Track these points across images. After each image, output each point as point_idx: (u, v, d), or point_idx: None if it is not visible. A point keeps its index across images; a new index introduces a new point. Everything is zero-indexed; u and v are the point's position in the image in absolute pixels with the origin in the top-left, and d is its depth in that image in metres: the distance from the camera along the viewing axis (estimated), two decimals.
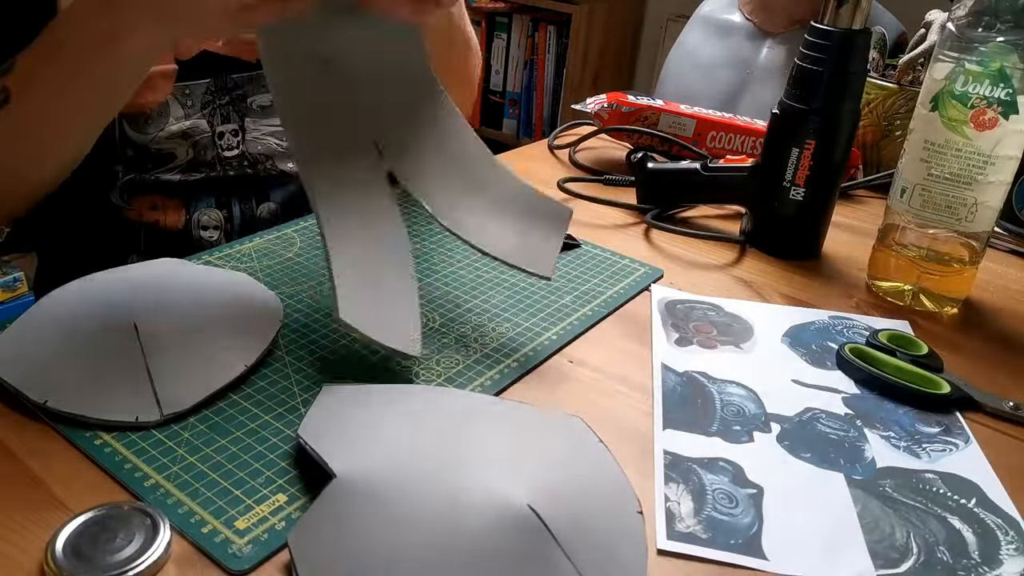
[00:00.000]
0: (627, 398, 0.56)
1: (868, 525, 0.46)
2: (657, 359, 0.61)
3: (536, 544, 0.39)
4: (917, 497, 0.49)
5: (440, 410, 0.49)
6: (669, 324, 0.65)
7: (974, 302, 0.74)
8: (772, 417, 0.55)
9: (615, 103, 1.00)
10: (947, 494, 0.49)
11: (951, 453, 0.53)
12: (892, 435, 0.54)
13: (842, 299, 0.73)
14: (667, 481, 0.48)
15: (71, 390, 0.49)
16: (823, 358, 0.62)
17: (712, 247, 0.81)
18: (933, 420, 0.56)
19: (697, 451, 0.51)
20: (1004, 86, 0.63)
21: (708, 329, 0.65)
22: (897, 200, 0.71)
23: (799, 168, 0.75)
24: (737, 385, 0.58)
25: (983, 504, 0.49)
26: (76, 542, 0.40)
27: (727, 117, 1.01)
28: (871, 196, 0.98)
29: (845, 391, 0.59)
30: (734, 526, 0.46)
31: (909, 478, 0.50)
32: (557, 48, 2.81)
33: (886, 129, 0.98)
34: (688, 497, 0.47)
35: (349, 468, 0.43)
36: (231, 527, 0.43)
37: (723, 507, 0.47)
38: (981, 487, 0.50)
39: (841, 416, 0.56)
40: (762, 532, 0.45)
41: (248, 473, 0.46)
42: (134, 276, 0.59)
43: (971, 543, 0.46)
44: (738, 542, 0.45)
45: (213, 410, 0.51)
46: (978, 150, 0.65)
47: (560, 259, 0.75)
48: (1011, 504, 0.49)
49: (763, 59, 1.33)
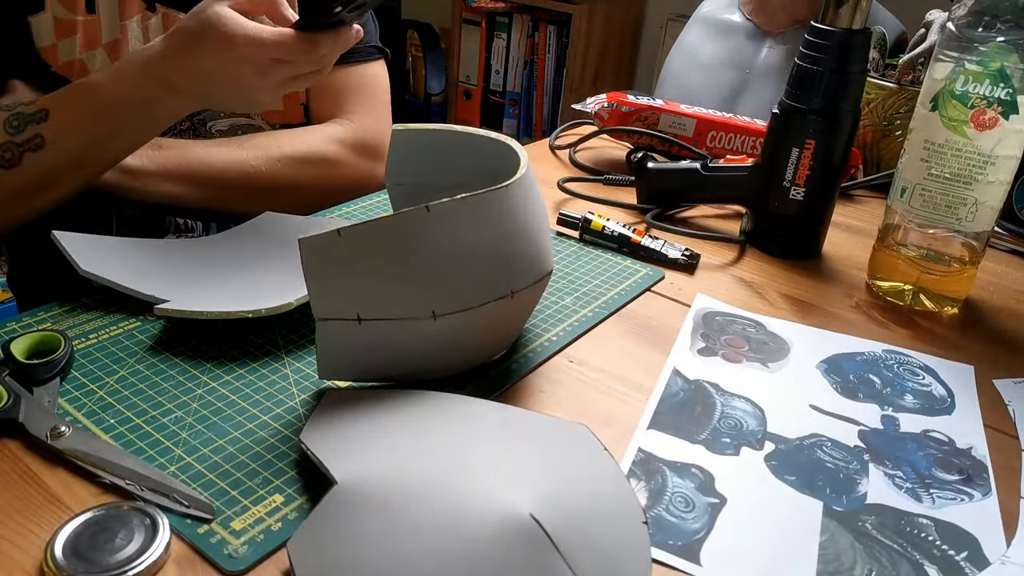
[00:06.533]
0: (627, 398, 0.56)
1: (827, 555, 0.45)
2: (670, 364, 0.60)
3: (538, 554, 0.39)
4: (898, 539, 0.46)
5: (443, 416, 0.49)
6: (699, 333, 0.65)
7: (974, 302, 0.74)
8: (770, 436, 0.54)
9: (615, 103, 1.00)
10: (935, 542, 0.46)
11: (961, 503, 0.50)
12: (899, 475, 0.52)
13: (842, 299, 0.73)
14: (629, 476, 0.49)
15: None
16: (856, 389, 0.60)
17: (712, 247, 0.81)
18: (956, 468, 0.53)
19: (674, 455, 0.51)
20: (1004, 86, 0.63)
21: (740, 344, 0.64)
22: (897, 200, 0.71)
23: (799, 168, 0.75)
24: (745, 400, 0.57)
25: (974, 560, 0.45)
26: (76, 542, 0.40)
27: (727, 117, 1.01)
28: (871, 196, 0.98)
29: (865, 424, 0.56)
30: (680, 529, 0.45)
31: (898, 519, 0.48)
32: (557, 48, 2.82)
33: (886, 129, 0.98)
34: (644, 494, 0.48)
35: (350, 475, 0.43)
36: (227, 527, 0.43)
37: (676, 510, 0.47)
38: (979, 542, 0.47)
39: (849, 447, 0.54)
40: (706, 540, 0.45)
41: (245, 474, 0.46)
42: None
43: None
44: (676, 544, 0.44)
45: (211, 410, 0.51)
46: (978, 150, 0.65)
47: (560, 259, 0.75)
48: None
49: (763, 59, 1.33)
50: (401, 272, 0.49)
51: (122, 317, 0.60)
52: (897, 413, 0.58)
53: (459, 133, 0.65)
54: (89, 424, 0.49)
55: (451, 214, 0.49)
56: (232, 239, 0.72)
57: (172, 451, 0.48)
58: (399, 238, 0.48)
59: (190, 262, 0.67)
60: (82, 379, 0.53)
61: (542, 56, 2.85)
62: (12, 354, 0.52)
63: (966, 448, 0.55)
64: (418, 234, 0.48)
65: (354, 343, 0.50)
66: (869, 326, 0.69)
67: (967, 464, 0.53)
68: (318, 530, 0.40)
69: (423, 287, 0.49)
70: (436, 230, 0.49)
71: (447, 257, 0.49)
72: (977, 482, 0.52)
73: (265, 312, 0.57)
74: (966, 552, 0.46)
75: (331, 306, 0.48)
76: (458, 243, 0.49)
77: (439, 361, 0.53)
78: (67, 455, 0.46)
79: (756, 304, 0.71)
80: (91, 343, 0.57)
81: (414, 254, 0.49)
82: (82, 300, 0.62)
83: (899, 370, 0.63)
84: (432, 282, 0.49)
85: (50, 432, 0.47)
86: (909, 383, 0.61)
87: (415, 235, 0.48)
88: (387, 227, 0.48)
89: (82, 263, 0.61)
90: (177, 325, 0.60)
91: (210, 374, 0.55)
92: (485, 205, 0.50)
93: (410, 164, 0.66)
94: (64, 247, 0.62)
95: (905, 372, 0.63)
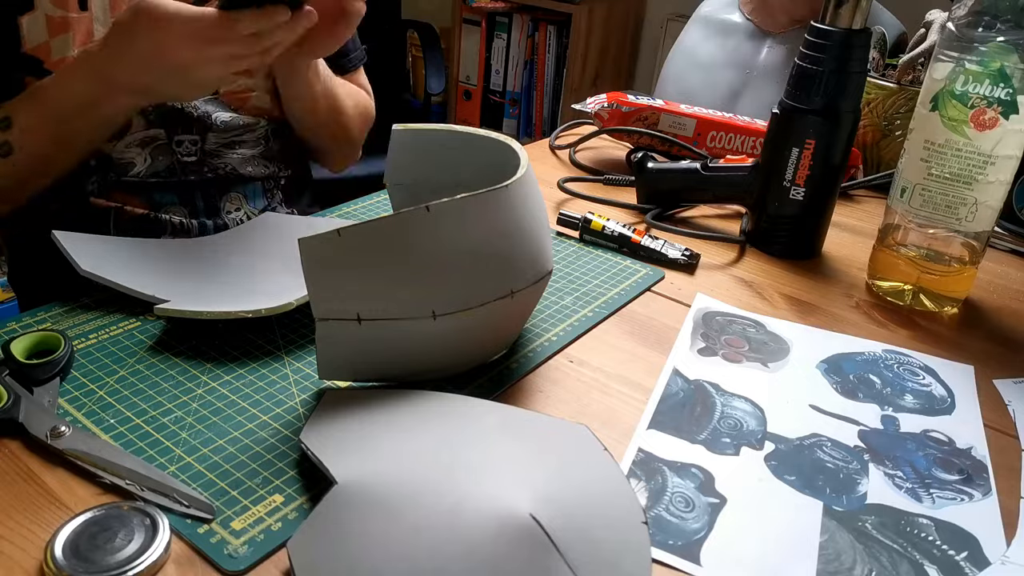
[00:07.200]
0: (627, 398, 0.56)
1: (827, 555, 0.45)
2: (670, 364, 0.60)
3: (538, 554, 0.39)
4: (899, 539, 0.46)
5: (443, 416, 0.49)
6: (699, 334, 0.65)
7: (974, 302, 0.74)
8: (770, 436, 0.54)
9: (615, 103, 1.00)
10: (935, 542, 0.46)
11: (961, 503, 0.50)
12: (899, 475, 0.51)
13: (842, 299, 0.73)
14: (629, 476, 0.49)
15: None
16: (856, 389, 0.60)
17: (712, 247, 0.81)
18: (956, 468, 0.53)
19: (674, 454, 0.51)
20: (1004, 86, 0.63)
21: (740, 344, 0.64)
22: (897, 200, 0.71)
23: (799, 168, 0.75)
24: (745, 400, 0.57)
25: (974, 560, 0.45)
26: (76, 542, 0.40)
27: (727, 117, 1.01)
28: (871, 196, 0.98)
29: (865, 424, 0.56)
30: (680, 529, 0.45)
31: (898, 519, 0.48)
32: (557, 48, 2.81)
33: (886, 129, 0.98)
34: (644, 494, 0.48)
35: (350, 475, 0.43)
36: (227, 527, 0.43)
37: (677, 510, 0.47)
38: (979, 541, 0.47)
39: (848, 447, 0.54)
40: (706, 540, 0.45)
41: (245, 474, 0.46)
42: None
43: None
44: (676, 544, 0.45)
45: (211, 410, 0.51)
46: (978, 150, 0.65)
47: (560, 259, 0.75)
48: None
49: (763, 59, 1.33)
50: (401, 272, 0.49)
51: (122, 317, 0.60)
52: (897, 413, 0.58)
53: (459, 133, 0.65)
54: (89, 424, 0.49)
55: (451, 214, 0.49)
56: (232, 239, 0.72)
57: (172, 451, 0.48)
58: (399, 238, 0.48)
59: (190, 262, 0.67)
60: (82, 379, 0.53)
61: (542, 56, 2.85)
62: (12, 354, 0.52)
63: (966, 448, 0.55)
64: (418, 234, 0.48)
65: (354, 343, 0.50)
66: (869, 326, 0.69)
67: (967, 464, 0.53)
68: (318, 530, 0.40)
69: (423, 287, 0.49)
70: (436, 230, 0.49)
71: (447, 257, 0.49)
72: (977, 482, 0.52)
73: (265, 312, 0.57)
74: (966, 552, 0.46)
75: (331, 306, 0.48)
76: (458, 243, 0.49)
77: (439, 361, 0.53)
78: (67, 455, 0.46)
79: (756, 304, 0.71)
80: (91, 343, 0.57)
81: (414, 254, 0.49)
82: (82, 300, 0.62)
83: (899, 370, 0.63)
84: (432, 282, 0.49)
85: (50, 432, 0.47)
86: (909, 383, 0.61)
87: (415, 235, 0.48)
88: (387, 227, 0.48)
89: (82, 263, 0.61)
90: (177, 325, 0.60)
91: (210, 374, 0.55)
92: (485, 205, 0.50)
93: (410, 164, 0.66)
94: (64, 247, 0.62)
95: (905, 372, 0.63)
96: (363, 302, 0.48)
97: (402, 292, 0.49)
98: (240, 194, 0.84)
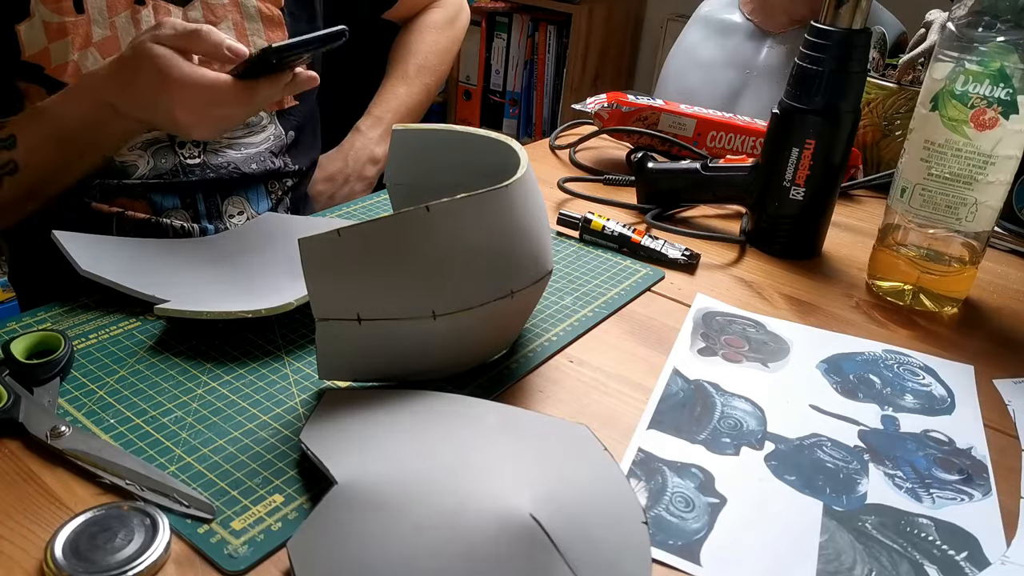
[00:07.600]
0: (627, 398, 0.56)
1: (827, 555, 0.45)
2: (670, 364, 0.60)
3: (538, 554, 0.39)
4: (899, 539, 0.46)
5: (443, 416, 0.49)
6: (699, 333, 0.65)
7: (974, 302, 0.74)
8: (770, 436, 0.54)
9: (615, 103, 1.00)
10: (935, 542, 0.46)
11: (961, 503, 0.50)
12: (899, 475, 0.51)
13: (842, 299, 0.73)
14: (629, 476, 0.49)
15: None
16: (856, 389, 0.60)
17: (712, 247, 0.81)
18: (956, 468, 0.53)
19: (674, 454, 0.51)
20: (1004, 86, 0.63)
21: (739, 344, 0.64)
22: (897, 200, 0.71)
23: (799, 168, 0.75)
24: (745, 400, 0.57)
25: (974, 560, 0.45)
26: (76, 542, 0.40)
27: (727, 117, 1.01)
28: (871, 196, 0.98)
29: (865, 424, 0.56)
30: (680, 529, 0.45)
31: (898, 519, 0.48)
32: (557, 48, 2.81)
33: (886, 129, 0.98)
34: (644, 494, 0.48)
35: (350, 475, 0.43)
36: (227, 527, 0.43)
37: (677, 510, 0.47)
38: (979, 542, 0.47)
39: (848, 447, 0.54)
40: (706, 540, 0.45)
41: (245, 474, 0.46)
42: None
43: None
44: (676, 544, 0.44)
45: (211, 410, 0.51)
46: (978, 150, 0.65)
47: (560, 259, 0.75)
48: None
49: (763, 59, 1.33)
50: (401, 272, 0.49)
51: (122, 317, 0.60)
52: (897, 413, 0.58)
53: (459, 133, 0.65)
54: (89, 424, 0.49)
55: (451, 214, 0.49)
56: (232, 239, 0.72)
57: (172, 451, 0.48)
58: (399, 238, 0.48)
59: (190, 262, 0.67)
60: (82, 379, 0.53)
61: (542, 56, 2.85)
62: (12, 354, 0.52)
63: (966, 448, 0.55)
64: (418, 234, 0.48)
65: (354, 343, 0.50)
66: (869, 326, 0.69)
67: (967, 464, 0.53)
68: (318, 530, 0.40)
69: (423, 287, 0.49)
70: (436, 230, 0.49)
71: (447, 257, 0.49)
72: (977, 482, 0.52)
73: (265, 312, 0.57)
74: (966, 552, 0.46)
75: (331, 306, 0.48)
76: (458, 243, 0.49)
77: (439, 361, 0.53)
78: (67, 455, 0.46)
79: (756, 304, 0.71)
80: (91, 343, 0.57)
81: (414, 254, 0.49)
82: (82, 300, 0.62)
83: (899, 370, 0.63)
84: (432, 282, 0.49)
85: (50, 432, 0.47)
86: (909, 383, 0.61)
87: (415, 235, 0.48)
88: (387, 227, 0.48)
89: (82, 263, 0.61)
90: (177, 325, 0.60)
91: (210, 374, 0.55)
92: (485, 205, 0.50)
93: (410, 164, 0.66)
94: (64, 247, 0.62)
95: (905, 372, 0.63)
96: (363, 302, 0.48)
97: (402, 292, 0.49)
98: (242, 197, 0.84)
